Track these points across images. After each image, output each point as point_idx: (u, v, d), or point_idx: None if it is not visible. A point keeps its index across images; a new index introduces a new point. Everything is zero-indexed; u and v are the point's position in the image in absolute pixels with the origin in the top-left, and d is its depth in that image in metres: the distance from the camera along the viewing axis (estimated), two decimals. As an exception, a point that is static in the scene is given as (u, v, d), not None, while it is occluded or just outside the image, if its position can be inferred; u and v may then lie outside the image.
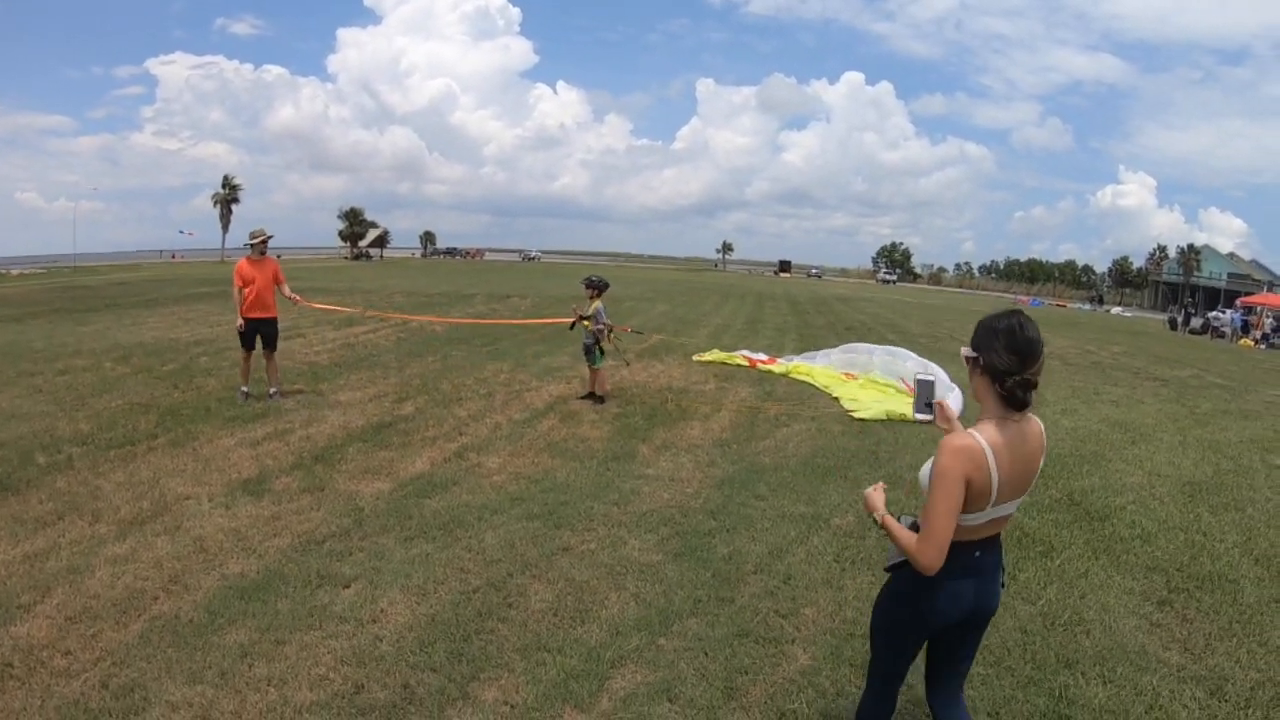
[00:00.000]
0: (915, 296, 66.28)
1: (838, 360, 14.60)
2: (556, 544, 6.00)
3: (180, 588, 5.14)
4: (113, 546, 5.78)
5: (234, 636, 4.53)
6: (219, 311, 21.71)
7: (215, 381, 11.87)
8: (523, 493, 7.18)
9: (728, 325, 24.29)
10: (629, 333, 11.70)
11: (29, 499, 6.82)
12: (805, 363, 14.81)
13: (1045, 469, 8.51)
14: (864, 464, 8.55)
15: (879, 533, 6.40)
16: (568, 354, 15.45)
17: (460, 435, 9.12)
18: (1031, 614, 5.20)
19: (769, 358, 15.38)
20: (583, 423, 9.94)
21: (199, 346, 15.46)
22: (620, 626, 4.78)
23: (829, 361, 14.67)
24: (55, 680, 4.11)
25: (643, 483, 7.59)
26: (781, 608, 5.10)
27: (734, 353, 16.04)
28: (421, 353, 15.24)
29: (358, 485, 7.26)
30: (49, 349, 15.33)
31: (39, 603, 4.93)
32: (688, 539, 6.19)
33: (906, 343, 21.55)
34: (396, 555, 5.70)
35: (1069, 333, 31.84)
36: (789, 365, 14.60)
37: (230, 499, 6.80)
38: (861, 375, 13.40)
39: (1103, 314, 70.46)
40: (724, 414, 10.78)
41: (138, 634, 4.56)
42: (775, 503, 7.13)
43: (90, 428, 9.14)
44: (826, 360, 14.80)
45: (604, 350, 11.33)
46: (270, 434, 8.94)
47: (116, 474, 7.47)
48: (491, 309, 25.52)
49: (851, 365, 14.04)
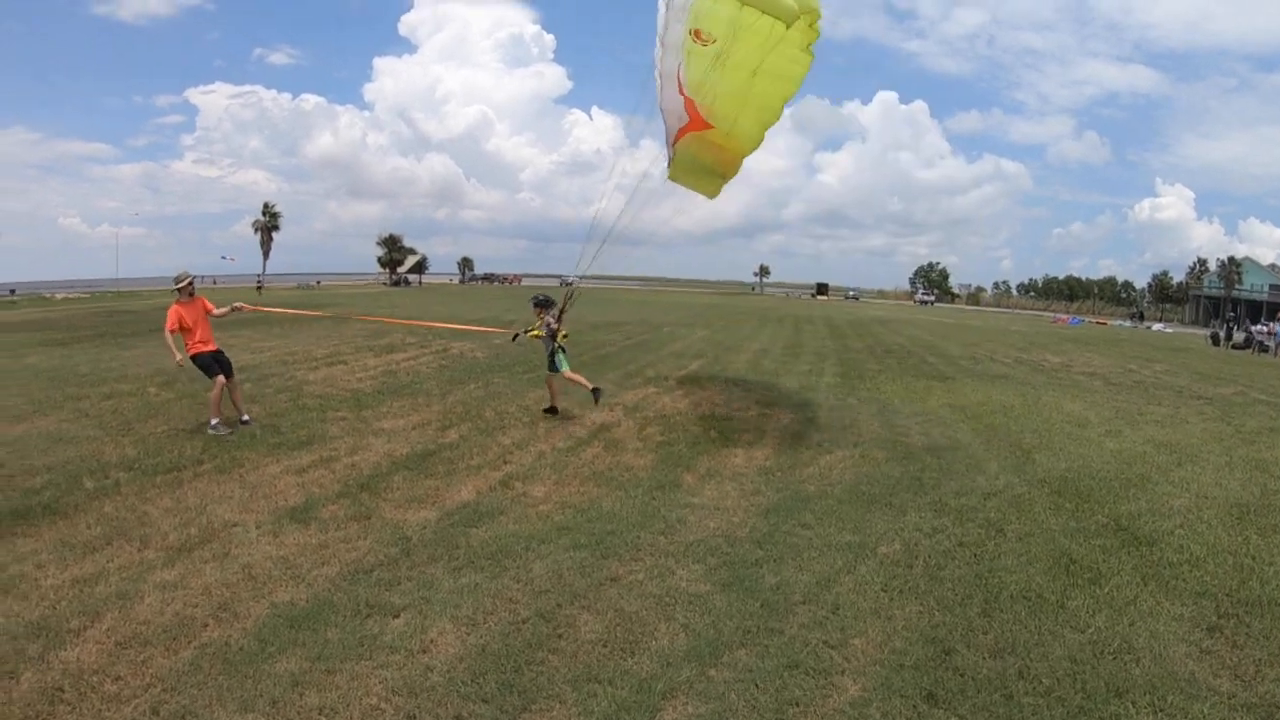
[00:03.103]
0: (954, 317, 65.62)
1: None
2: (604, 574, 6.04)
3: (230, 615, 5.24)
4: (161, 572, 5.91)
5: (284, 665, 4.61)
6: (261, 338, 22.08)
7: (259, 408, 12.05)
8: (569, 522, 7.22)
9: (767, 350, 24.21)
10: (565, 336, 11.80)
11: (77, 523, 7.01)
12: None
13: (1091, 493, 8.53)
14: (909, 491, 8.51)
15: (927, 562, 6.36)
16: (608, 381, 15.53)
17: (505, 464, 9.19)
18: (1081, 642, 5.15)
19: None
20: (626, 450, 9.97)
21: (243, 373, 15.61)
22: (670, 657, 4.80)
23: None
24: (106, 706, 4.21)
25: (688, 511, 7.60)
26: (831, 638, 5.10)
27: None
28: (464, 380, 15.37)
29: (404, 514, 7.35)
30: (94, 373, 15.71)
31: (88, 627, 5.06)
32: (735, 569, 6.20)
33: (948, 365, 21.58)
34: (445, 585, 5.76)
35: (1110, 351, 31.30)
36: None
37: (277, 526, 6.92)
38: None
39: (1144, 331, 69.24)
40: (767, 441, 10.75)
41: (188, 661, 4.65)
42: (821, 531, 7.11)
43: (137, 452, 9.35)
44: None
45: (565, 351, 11.74)
46: (315, 461, 9.08)
47: (164, 500, 7.65)
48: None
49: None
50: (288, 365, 16.94)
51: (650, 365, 18.90)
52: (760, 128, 9.77)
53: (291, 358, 18.26)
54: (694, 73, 9.15)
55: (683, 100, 9.80)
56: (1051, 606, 5.67)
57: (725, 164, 10.98)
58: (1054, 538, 7.12)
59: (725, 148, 10.39)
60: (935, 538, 7.01)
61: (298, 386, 14.13)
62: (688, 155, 11.00)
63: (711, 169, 11.35)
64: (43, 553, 6.29)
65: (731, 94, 9.13)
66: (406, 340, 21.62)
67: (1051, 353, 28.16)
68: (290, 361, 17.58)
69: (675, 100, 9.96)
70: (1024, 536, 7.13)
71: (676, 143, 10.72)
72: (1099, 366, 23.76)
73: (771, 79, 8.97)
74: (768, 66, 8.74)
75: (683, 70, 9.39)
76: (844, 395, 15.02)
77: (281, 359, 18.00)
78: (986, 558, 6.57)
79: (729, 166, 11.07)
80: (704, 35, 8.66)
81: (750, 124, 9.72)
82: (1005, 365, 22.56)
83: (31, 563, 6.08)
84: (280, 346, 20.30)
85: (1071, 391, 17.24)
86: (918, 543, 6.87)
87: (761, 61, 8.68)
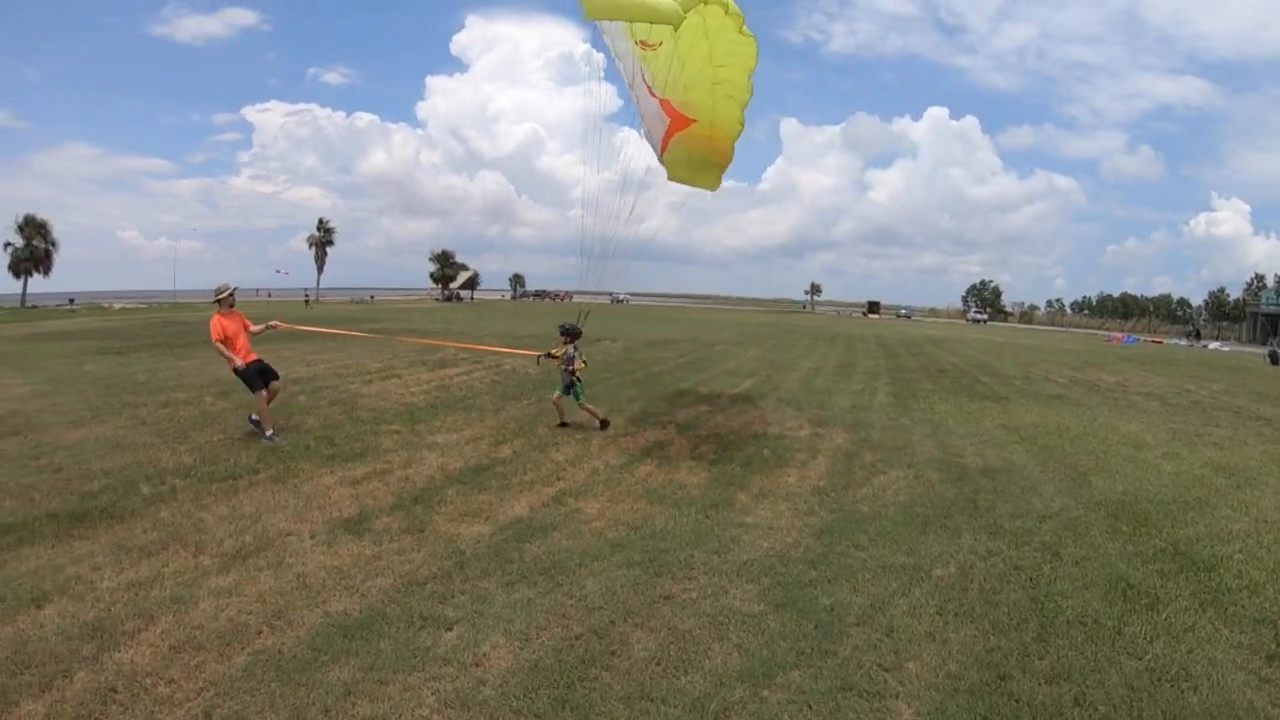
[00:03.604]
0: (1006, 336, 64.69)
1: None
2: (658, 592, 6.00)
3: (284, 623, 5.28)
4: (216, 579, 5.98)
5: (337, 674, 4.62)
6: (315, 351, 22.39)
7: (313, 420, 12.21)
8: (622, 539, 7.19)
9: (819, 369, 24.04)
10: (585, 367, 12.40)
11: (133, 527, 7.15)
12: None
13: (1149, 516, 8.33)
14: (964, 513, 8.39)
15: (982, 585, 6.24)
16: (661, 399, 15.54)
17: (558, 480, 9.20)
18: (1138, 669, 5.05)
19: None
20: (680, 468, 9.93)
21: (296, 385, 15.92)
22: (724, 677, 4.75)
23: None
24: (158, 708, 4.26)
25: (742, 531, 7.55)
26: (885, 661, 5.03)
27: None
28: (516, 395, 15.44)
29: (458, 528, 7.37)
30: (151, 382, 16.05)
31: (143, 630, 5.14)
32: (789, 589, 6.14)
33: (1002, 385, 21.30)
34: (498, 599, 5.75)
35: (1166, 371, 30.64)
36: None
37: (332, 537, 6.98)
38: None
39: (1200, 349, 67.70)
40: (820, 461, 10.66)
41: (241, 666, 4.70)
42: (875, 553, 7.03)
43: (193, 460, 9.52)
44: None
45: (580, 381, 12.21)
46: (369, 473, 9.15)
47: (219, 507, 7.76)
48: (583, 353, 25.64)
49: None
50: (341, 378, 17.16)
51: (703, 383, 18.85)
52: (738, 107, 10.24)
53: (345, 371, 18.50)
54: (657, 74, 9.84)
55: (657, 102, 10.42)
56: (1108, 632, 5.56)
57: (717, 153, 11.28)
58: (1111, 562, 6.99)
59: (712, 137, 10.79)
60: (990, 561, 6.91)
61: (352, 399, 14.28)
62: (681, 154, 11.36)
63: (706, 161, 11.62)
64: (99, 555, 6.42)
65: (698, 83, 9.70)
66: (459, 355, 21.78)
67: (1107, 372, 27.78)
68: (344, 375, 17.82)
69: (650, 103, 10.56)
70: (1080, 560, 7.01)
71: (666, 146, 11.22)
72: (1155, 386, 23.41)
73: (727, 61, 9.57)
74: (718, 52, 9.37)
75: (646, 74, 10.11)
76: (897, 415, 14.88)
77: (335, 372, 18.25)
78: (1043, 582, 6.46)
79: (721, 155, 11.39)
80: (649, 43, 9.39)
81: (727, 106, 10.21)
82: (1060, 385, 22.26)
83: (88, 565, 6.20)
84: (334, 360, 20.58)
85: (1127, 412, 16.96)
86: (973, 566, 6.77)
87: (710, 49, 9.33)
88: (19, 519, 7.29)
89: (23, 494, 8.10)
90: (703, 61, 9.54)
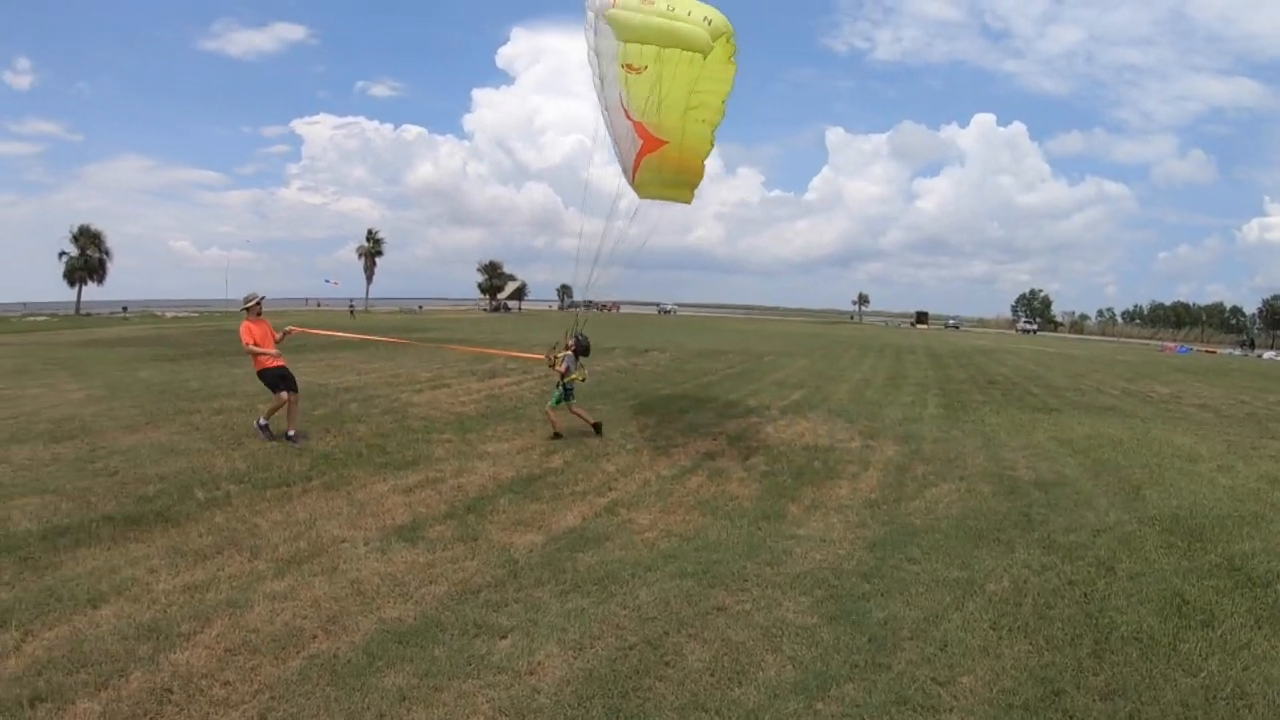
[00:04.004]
0: (1057, 346, 63.64)
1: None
2: (711, 603, 5.98)
3: (338, 628, 5.33)
4: (271, 583, 6.07)
5: (392, 680, 4.65)
6: (365, 360, 22.71)
7: (365, 428, 12.35)
8: (675, 550, 7.18)
9: (868, 380, 23.87)
10: (584, 379, 12.80)
11: (188, 531, 7.28)
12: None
13: (1203, 531, 8.17)
14: (1016, 526, 8.28)
15: (1036, 600, 6.17)
16: (711, 410, 15.51)
17: (610, 490, 9.21)
18: (1193, 686, 4.93)
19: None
20: (731, 480, 9.89)
21: (348, 393, 16.14)
22: (778, 689, 4.72)
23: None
24: (214, 709, 4.32)
25: (794, 543, 7.50)
26: (939, 675, 4.97)
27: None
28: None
29: (510, 536, 7.40)
30: (204, 389, 16.36)
31: (199, 632, 5.22)
32: (842, 602, 6.09)
33: (1053, 396, 21.01)
34: (552, 608, 5.76)
35: (1220, 381, 29.91)
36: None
37: (385, 544, 7.04)
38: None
39: (1254, 359, 66.15)
40: (871, 473, 10.58)
41: (296, 670, 4.75)
42: (928, 566, 6.96)
43: (246, 466, 9.67)
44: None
45: (569, 390, 12.48)
46: (422, 482, 9.24)
47: (273, 513, 7.88)
48: (632, 363, 25.78)
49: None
50: (392, 387, 17.36)
51: (753, 394, 18.78)
52: (709, 129, 10.74)
53: (396, 380, 18.72)
54: (636, 98, 10.32)
55: (632, 125, 10.90)
56: (1163, 649, 5.45)
57: (688, 171, 11.64)
58: (1165, 577, 6.85)
59: (682, 157, 11.20)
60: (1044, 575, 6.81)
61: (403, 408, 14.44)
62: (652, 174, 11.68)
63: (677, 179, 11.93)
64: (154, 558, 6.54)
65: (673, 107, 10.14)
66: (509, 365, 21.92)
67: (1160, 383, 27.29)
68: (395, 384, 18.02)
69: (625, 126, 11.06)
70: (1135, 576, 6.88)
71: (637, 166, 11.55)
72: (1209, 398, 22.96)
73: (706, 88, 10.04)
74: (703, 78, 9.79)
75: (625, 98, 10.59)
76: (948, 427, 14.74)
77: (386, 381, 18.47)
78: (1097, 597, 6.36)
79: (692, 174, 11.76)
80: (635, 66, 9.91)
81: (698, 129, 10.66)
82: (1112, 397, 21.92)
83: (144, 567, 6.32)
84: (385, 369, 20.83)
85: (1181, 424, 16.63)
86: (1027, 580, 6.68)
87: (693, 76, 9.75)
88: (76, 520, 7.46)
89: (79, 496, 8.29)
90: (684, 87, 9.96)
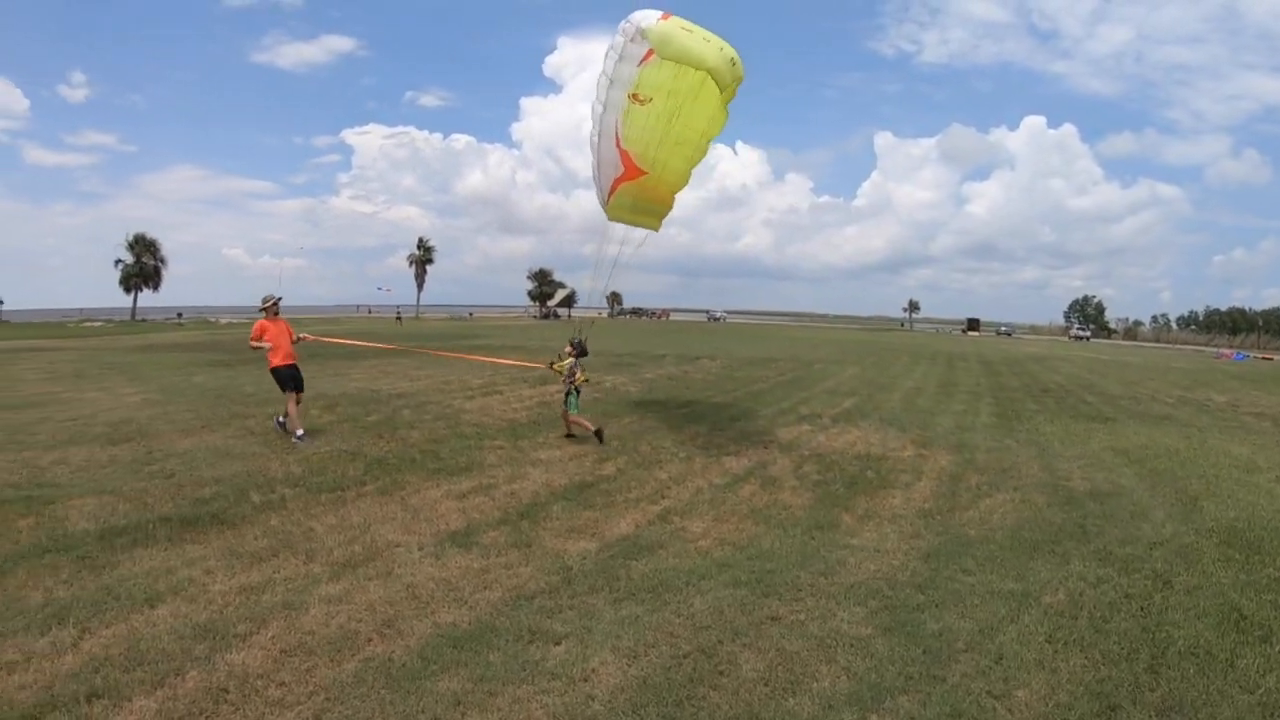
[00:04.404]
0: (1110, 353, 62.34)
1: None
2: (765, 613, 5.96)
3: (394, 632, 5.39)
4: (326, 586, 6.16)
5: (447, 684, 4.69)
6: (417, 367, 22.94)
7: (418, 434, 12.49)
8: (728, 559, 7.16)
9: (920, 388, 23.58)
10: (585, 379, 13.27)
11: (244, 534, 7.43)
12: None
13: (1262, 544, 8.00)
14: (1072, 538, 8.14)
15: (1092, 613, 6.10)
16: (762, 418, 15.46)
17: (662, 498, 9.22)
18: (1250, 704, 4.83)
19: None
20: (784, 489, 9.85)
21: (401, 399, 16.32)
22: (832, 700, 4.69)
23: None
24: (269, 709, 4.39)
25: (848, 553, 7.46)
26: (994, 689, 4.91)
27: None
28: (618, 413, 15.53)
29: (564, 543, 7.44)
30: (259, 393, 16.64)
31: (254, 633, 5.32)
32: (896, 613, 6.05)
33: (1108, 405, 20.64)
34: (606, 616, 5.78)
35: (1278, 389, 29.11)
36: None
37: (439, 549, 7.11)
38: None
39: None
40: (924, 483, 10.47)
41: (352, 673, 4.81)
42: (983, 578, 6.87)
43: (301, 470, 9.83)
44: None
45: (579, 392, 12.99)
46: (475, 488, 9.33)
47: (328, 517, 8.00)
48: (683, 371, 25.78)
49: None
50: (444, 394, 17.52)
51: (804, 403, 18.67)
52: (688, 165, 11.59)
53: (447, 386, 18.91)
54: (631, 128, 11.16)
55: (619, 152, 11.66)
56: (1220, 664, 5.32)
57: (659, 201, 12.41)
58: (1223, 591, 6.68)
59: (657, 189, 11.99)
60: (1100, 588, 6.69)
61: (455, 415, 14.59)
62: (626, 200, 12.35)
63: (648, 209, 12.62)
64: (211, 559, 6.68)
65: (661, 141, 10.92)
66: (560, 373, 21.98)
67: (1216, 391, 26.56)
68: (446, 390, 18.19)
69: (612, 152, 11.83)
70: (1192, 590, 6.73)
71: (614, 191, 12.32)
72: (1267, 406, 22.30)
73: (698, 127, 10.91)
74: (697, 116, 10.67)
75: (620, 126, 11.40)
76: (1001, 436, 14.52)
77: (438, 387, 18.65)
78: (1153, 611, 6.23)
79: (663, 205, 12.54)
80: (641, 97, 10.74)
81: (679, 164, 11.46)
82: (1168, 405, 21.41)
83: (200, 568, 6.46)
84: (436, 375, 21.04)
85: (1239, 434, 16.18)
86: (1082, 593, 6.57)
87: (690, 114, 10.61)
88: (133, 521, 7.65)
89: (136, 497, 8.50)
90: (679, 123, 10.73)
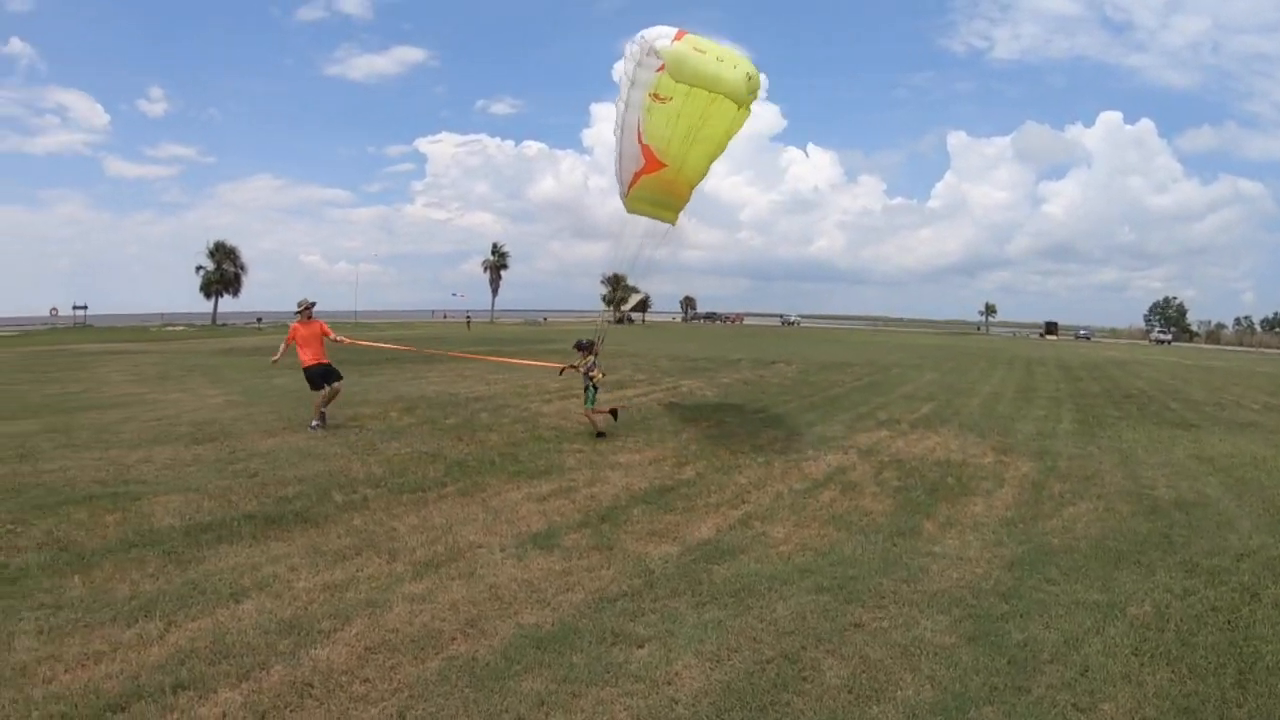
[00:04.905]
0: (1193, 357, 60.41)
1: None
2: (848, 619, 5.90)
3: (477, 632, 5.45)
4: (409, 585, 6.26)
5: (530, 684, 4.73)
6: (493, 371, 23.20)
7: (497, 436, 12.64)
8: (810, 564, 7.11)
9: (999, 394, 23.10)
10: (604, 377, 13.73)
11: (327, 532, 7.61)
12: None
13: None
14: (1157, 548, 7.91)
15: (1178, 626, 5.95)
16: (840, 423, 15.31)
17: (743, 503, 9.17)
18: None
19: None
20: (864, 495, 9.73)
21: (479, 402, 16.55)
22: (916, 710, 4.63)
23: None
24: (353, 705, 4.47)
25: (930, 560, 7.35)
26: (1080, 701, 4.80)
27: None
28: (694, 418, 15.53)
29: (645, 547, 7.45)
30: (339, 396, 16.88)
31: (338, 630, 5.43)
32: (980, 622, 5.94)
33: (1192, 411, 20.02)
34: (689, 619, 5.77)
35: None
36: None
37: (521, 551, 7.18)
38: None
39: None
40: (1006, 490, 10.27)
41: (435, 671, 4.87)
42: (1068, 588, 6.73)
43: (382, 472, 10.02)
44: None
45: (596, 389, 13.40)
46: (555, 490, 9.40)
47: (410, 517, 8.14)
48: (758, 375, 25.67)
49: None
50: (522, 397, 17.74)
51: (882, 408, 18.44)
52: (707, 160, 11.97)
53: (524, 390, 19.12)
54: (653, 124, 11.67)
55: (640, 147, 12.12)
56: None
57: (677, 196, 12.85)
58: None
59: (676, 182, 12.41)
60: (1187, 600, 6.50)
61: (533, 418, 14.76)
62: (646, 192, 12.90)
63: (666, 202, 13.08)
64: (294, 557, 6.85)
65: (682, 137, 11.36)
66: (636, 377, 22.12)
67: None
68: (524, 394, 18.41)
69: (634, 147, 12.26)
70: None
71: (633, 184, 12.84)
72: None
73: (718, 125, 11.22)
74: (714, 114, 10.95)
75: (642, 123, 11.87)
76: (1084, 443, 14.17)
77: (515, 390, 18.88)
78: (1241, 624, 6.03)
79: (680, 199, 12.96)
80: (662, 96, 11.18)
81: (698, 160, 11.88)
82: (1254, 412, 20.60)
83: (284, 565, 6.63)
84: (513, 379, 21.28)
85: None
86: (1169, 605, 6.39)
87: (710, 114, 10.95)
88: (217, 518, 7.90)
89: (221, 495, 8.76)
90: (699, 121, 11.10)
